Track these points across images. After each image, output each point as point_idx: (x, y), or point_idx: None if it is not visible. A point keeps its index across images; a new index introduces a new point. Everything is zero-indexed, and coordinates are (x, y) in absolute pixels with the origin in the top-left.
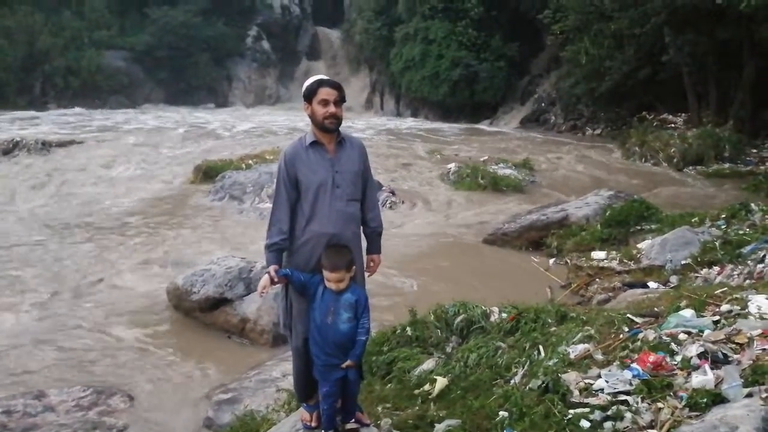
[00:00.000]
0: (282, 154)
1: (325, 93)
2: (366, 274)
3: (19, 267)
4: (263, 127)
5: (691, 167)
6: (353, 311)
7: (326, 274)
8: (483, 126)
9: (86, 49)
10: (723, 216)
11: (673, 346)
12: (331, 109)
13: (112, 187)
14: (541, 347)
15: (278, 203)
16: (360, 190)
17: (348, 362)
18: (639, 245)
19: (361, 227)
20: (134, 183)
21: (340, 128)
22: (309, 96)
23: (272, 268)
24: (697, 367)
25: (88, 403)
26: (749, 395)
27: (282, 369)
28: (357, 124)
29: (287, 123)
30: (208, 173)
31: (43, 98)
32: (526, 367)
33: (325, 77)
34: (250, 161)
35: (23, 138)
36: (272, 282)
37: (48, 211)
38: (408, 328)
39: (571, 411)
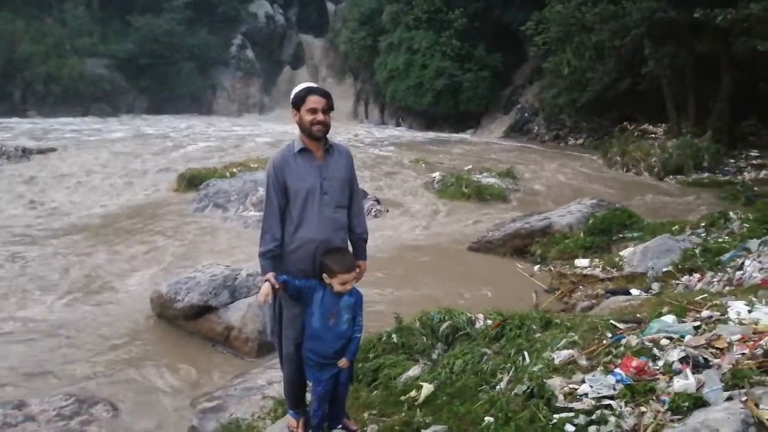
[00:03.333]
0: (270, 161)
1: (313, 101)
2: None
3: None
4: (247, 135)
5: (671, 176)
6: (352, 312)
7: (340, 277)
8: (467, 135)
9: (68, 57)
10: (703, 224)
11: (656, 351)
12: (320, 116)
13: (93, 194)
14: (526, 353)
15: (269, 210)
16: (347, 197)
17: (343, 360)
18: (621, 253)
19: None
20: (116, 191)
21: (327, 135)
22: (297, 103)
23: (271, 275)
24: (678, 372)
25: (70, 413)
26: (729, 398)
27: (267, 377)
28: (341, 133)
29: (271, 132)
30: (192, 181)
31: (23, 105)
32: (511, 373)
33: (314, 85)
34: (235, 169)
35: (3, 145)
36: (273, 288)
37: (26, 219)
38: (394, 335)
39: (556, 415)
